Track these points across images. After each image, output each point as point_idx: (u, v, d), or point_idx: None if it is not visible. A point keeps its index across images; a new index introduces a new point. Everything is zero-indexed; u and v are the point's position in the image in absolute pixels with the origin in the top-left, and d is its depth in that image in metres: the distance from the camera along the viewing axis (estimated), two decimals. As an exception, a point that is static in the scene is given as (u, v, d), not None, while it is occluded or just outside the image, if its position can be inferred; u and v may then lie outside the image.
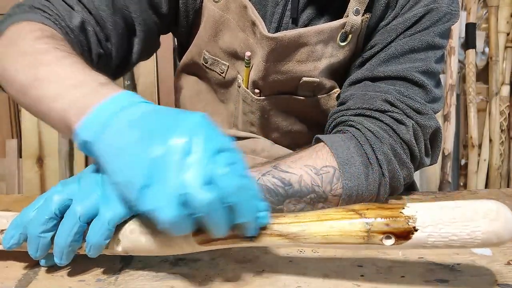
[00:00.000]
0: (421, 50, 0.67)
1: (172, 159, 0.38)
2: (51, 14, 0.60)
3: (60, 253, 0.43)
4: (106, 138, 0.41)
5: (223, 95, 0.80)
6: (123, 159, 0.40)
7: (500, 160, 1.76)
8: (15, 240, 0.44)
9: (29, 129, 1.62)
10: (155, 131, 0.40)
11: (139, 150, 0.39)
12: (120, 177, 0.40)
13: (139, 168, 0.38)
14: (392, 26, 0.68)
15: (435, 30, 0.66)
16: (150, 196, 0.38)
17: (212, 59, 0.76)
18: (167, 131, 0.39)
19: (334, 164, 0.57)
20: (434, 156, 0.68)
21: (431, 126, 0.64)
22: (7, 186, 1.67)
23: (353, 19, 0.66)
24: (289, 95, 0.74)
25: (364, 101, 0.64)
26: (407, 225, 0.39)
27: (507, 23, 1.73)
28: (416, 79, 0.65)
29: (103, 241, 0.42)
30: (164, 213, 0.37)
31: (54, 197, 0.43)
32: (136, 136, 0.40)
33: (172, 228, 0.38)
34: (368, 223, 0.40)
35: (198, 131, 0.39)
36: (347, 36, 0.68)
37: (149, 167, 0.38)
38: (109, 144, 0.41)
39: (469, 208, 0.39)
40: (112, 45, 0.67)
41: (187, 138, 0.38)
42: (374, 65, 0.68)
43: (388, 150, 0.60)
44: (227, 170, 0.38)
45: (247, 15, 0.68)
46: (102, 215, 0.42)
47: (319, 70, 0.70)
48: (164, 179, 0.38)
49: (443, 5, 0.66)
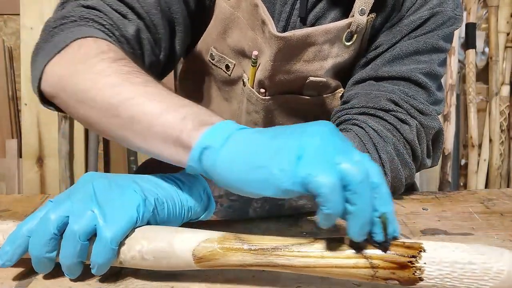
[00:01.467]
0: (425, 52, 0.67)
1: (325, 138, 0.39)
2: (104, 24, 0.58)
3: (69, 270, 0.43)
4: (232, 144, 0.41)
5: (227, 93, 0.80)
6: (265, 149, 0.40)
7: (500, 160, 1.76)
8: (8, 257, 0.42)
9: (29, 129, 1.62)
10: (285, 135, 0.41)
11: (280, 140, 0.40)
12: (266, 162, 0.39)
13: (291, 145, 0.39)
14: (397, 28, 0.68)
15: (439, 33, 0.67)
16: (308, 163, 0.37)
17: (219, 56, 0.76)
18: (299, 134, 0.40)
19: None
20: (435, 157, 0.68)
21: (434, 127, 0.64)
22: (7, 186, 1.67)
23: (359, 18, 0.66)
24: (295, 95, 0.74)
25: (368, 100, 0.64)
26: (413, 275, 0.39)
27: (507, 23, 1.72)
28: (420, 80, 0.65)
29: (108, 261, 0.42)
30: (324, 174, 0.36)
31: (51, 216, 0.42)
32: (269, 135, 0.41)
33: (330, 196, 0.36)
34: (374, 270, 0.39)
35: (333, 128, 0.42)
36: (352, 36, 0.68)
37: (299, 146, 0.38)
38: (236, 150, 0.41)
39: (481, 267, 0.38)
40: (162, 49, 0.66)
41: (323, 135, 0.40)
42: (378, 65, 0.68)
43: (391, 150, 0.60)
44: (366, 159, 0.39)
45: (257, 14, 0.68)
46: (104, 236, 0.41)
47: (325, 70, 0.70)
48: (319, 152, 0.38)
49: (448, 9, 0.67)
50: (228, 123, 0.43)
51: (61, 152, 1.61)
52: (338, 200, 0.37)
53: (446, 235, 0.55)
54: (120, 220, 0.42)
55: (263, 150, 0.40)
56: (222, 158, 0.41)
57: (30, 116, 1.61)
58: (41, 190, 1.62)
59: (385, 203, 0.38)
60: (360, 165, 0.37)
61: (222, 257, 0.41)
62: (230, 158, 0.40)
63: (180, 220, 0.47)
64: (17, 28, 1.63)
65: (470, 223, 0.58)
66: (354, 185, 0.37)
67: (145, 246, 0.42)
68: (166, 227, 0.44)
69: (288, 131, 0.41)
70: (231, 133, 0.42)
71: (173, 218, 0.46)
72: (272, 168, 0.38)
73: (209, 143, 0.41)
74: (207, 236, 0.43)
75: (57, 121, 1.60)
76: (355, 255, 0.40)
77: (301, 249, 0.41)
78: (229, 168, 0.40)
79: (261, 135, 0.41)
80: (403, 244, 0.40)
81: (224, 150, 0.41)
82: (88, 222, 0.41)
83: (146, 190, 0.45)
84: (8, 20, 1.67)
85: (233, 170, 0.40)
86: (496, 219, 0.59)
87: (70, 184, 1.60)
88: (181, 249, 0.42)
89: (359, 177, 0.37)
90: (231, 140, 0.41)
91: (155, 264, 0.43)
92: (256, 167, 0.39)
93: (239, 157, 0.40)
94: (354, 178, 0.37)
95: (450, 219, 0.59)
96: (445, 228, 0.57)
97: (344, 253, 0.40)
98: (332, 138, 0.40)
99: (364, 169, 0.37)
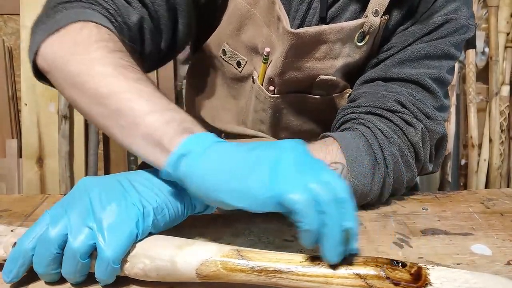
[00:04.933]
0: (436, 57, 0.67)
1: (298, 153, 0.40)
2: (108, 9, 0.58)
3: (73, 281, 0.44)
4: (211, 154, 0.42)
5: (236, 90, 0.80)
6: (241, 160, 0.41)
7: (500, 160, 1.76)
8: (14, 275, 0.43)
9: (29, 129, 1.61)
10: (262, 149, 0.42)
11: (257, 153, 0.41)
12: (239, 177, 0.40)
13: (266, 158, 0.40)
14: (410, 31, 0.68)
15: (451, 40, 0.67)
16: (283, 178, 0.38)
17: (231, 52, 0.75)
18: (274, 149, 0.41)
19: (343, 161, 0.57)
20: (437, 163, 0.69)
21: (439, 132, 0.64)
22: (7, 186, 1.67)
23: (372, 19, 0.66)
24: (304, 94, 0.74)
25: (376, 99, 0.64)
26: None
27: (507, 23, 1.72)
28: (428, 85, 0.66)
29: (112, 277, 0.43)
30: (295, 192, 0.37)
31: (50, 234, 0.41)
32: (247, 148, 0.42)
33: (305, 208, 0.37)
34: None
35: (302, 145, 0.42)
36: (365, 37, 0.68)
37: (276, 160, 0.39)
38: (214, 159, 0.41)
39: None
40: (162, 39, 0.66)
41: (297, 152, 0.41)
42: (388, 65, 0.68)
43: (396, 151, 0.60)
44: (333, 182, 0.38)
45: (274, 10, 0.68)
46: (105, 256, 0.41)
47: (335, 69, 0.70)
48: (293, 168, 0.39)
49: (462, 17, 0.67)
50: (209, 135, 0.44)
51: (61, 152, 1.61)
52: (314, 215, 0.37)
53: (446, 235, 0.55)
54: (120, 238, 0.41)
55: (241, 162, 0.40)
56: (199, 166, 0.41)
57: (30, 116, 1.61)
58: (41, 190, 1.62)
59: (350, 219, 0.38)
60: (329, 185, 0.38)
61: (226, 276, 0.41)
62: (207, 167, 0.41)
63: (182, 218, 0.47)
64: (17, 28, 1.63)
65: (470, 223, 0.58)
66: (324, 205, 0.37)
67: (148, 264, 0.42)
68: (167, 241, 0.44)
69: (264, 146, 0.42)
70: (211, 143, 0.42)
71: (174, 219, 0.46)
72: (250, 180, 0.39)
73: (188, 151, 0.42)
74: (209, 254, 0.42)
75: (57, 121, 1.60)
76: (355, 282, 0.39)
77: (306, 271, 0.40)
78: (205, 176, 0.41)
79: (239, 147, 0.42)
80: (408, 277, 0.38)
81: (202, 159, 0.41)
82: (87, 240, 0.41)
83: (144, 197, 0.44)
84: (8, 20, 1.67)
85: (209, 179, 0.40)
86: (496, 219, 0.59)
87: (70, 184, 1.60)
88: (184, 268, 0.42)
89: (327, 197, 0.37)
90: (210, 150, 0.42)
91: (159, 279, 0.43)
92: (234, 178, 0.39)
93: (216, 167, 0.41)
94: (323, 198, 0.37)
95: (450, 219, 0.59)
96: (445, 228, 0.57)
97: (349, 281, 0.39)
98: (305, 155, 0.41)
99: (332, 188, 0.38)
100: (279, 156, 0.40)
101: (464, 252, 0.50)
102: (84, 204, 0.43)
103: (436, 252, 0.50)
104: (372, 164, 0.58)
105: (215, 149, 0.42)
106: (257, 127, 0.79)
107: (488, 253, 0.50)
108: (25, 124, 1.61)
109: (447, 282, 0.38)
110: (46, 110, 1.61)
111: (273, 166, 0.39)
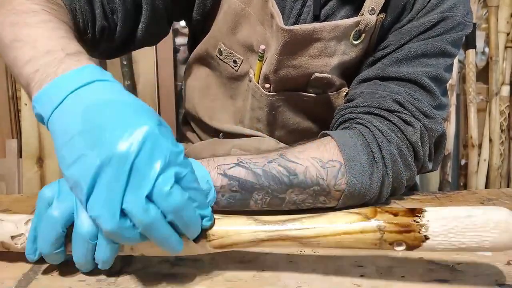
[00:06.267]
0: (433, 55, 0.67)
1: (118, 168, 0.37)
2: None
3: (84, 267, 0.44)
4: (56, 119, 0.41)
5: (233, 90, 0.80)
6: (70, 153, 0.39)
7: (500, 160, 1.76)
8: (36, 256, 0.44)
9: (29, 129, 1.61)
10: (106, 130, 0.39)
11: (87, 149, 0.39)
12: (67, 173, 0.40)
13: (85, 170, 0.38)
14: (406, 29, 0.68)
15: (448, 38, 0.67)
16: (94, 203, 0.38)
17: (227, 52, 0.76)
18: (117, 133, 0.38)
19: (340, 159, 0.57)
20: (437, 161, 0.69)
21: (438, 130, 0.64)
22: (7, 186, 1.67)
23: (368, 17, 0.66)
24: (299, 92, 0.74)
25: (373, 99, 0.65)
26: (419, 234, 0.40)
27: (507, 23, 1.72)
28: (426, 83, 0.65)
29: (113, 257, 0.43)
30: (106, 222, 0.38)
31: (53, 213, 0.42)
32: (86, 130, 0.39)
33: (115, 237, 0.39)
34: (381, 232, 0.41)
35: (148, 139, 0.38)
36: (361, 35, 0.68)
37: (95, 172, 0.38)
38: (59, 129, 0.41)
39: (481, 218, 0.40)
40: (118, 19, 0.67)
41: (135, 147, 0.38)
42: (385, 64, 0.68)
43: (395, 150, 0.60)
44: (170, 188, 0.38)
45: (267, 8, 0.68)
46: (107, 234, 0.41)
47: (331, 67, 0.70)
48: (108, 188, 0.38)
49: (458, 14, 0.67)
50: (67, 79, 0.43)
51: (61, 152, 1.61)
52: (129, 238, 0.39)
53: (446, 235, 0.55)
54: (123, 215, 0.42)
55: (71, 150, 0.40)
56: (50, 129, 0.42)
57: (30, 116, 1.60)
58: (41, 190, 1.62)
59: (186, 228, 0.41)
60: (151, 207, 0.38)
61: (235, 234, 0.43)
62: (54, 133, 0.41)
63: None
64: (17, 28, 1.63)
65: (470, 223, 0.58)
66: (142, 227, 0.39)
67: None
68: None
69: (104, 134, 0.39)
70: (61, 99, 0.41)
71: None
72: (73, 186, 0.40)
73: (39, 111, 0.42)
74: (219, 215, 0.44)
75: (57, 121, 1.60)
76: (362, 219, 0.42)
77: (311, 220, 0.43)
78: (55, 143, 0.41)
79: (80, 124, 0.40)
80: (404, 208, 0.42)
81: (49, 122, 0.42)
82: (92, 222, 0.41)
83: None
84: (8, 20, 1.67)
85: (57, 149, 0.41)
86: (496, 219, 0.59)
87: (70, 184, 1.59)
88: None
89: (145, 222, 0.38)
90: (57, 114, 0.41)
91: (166, 252, 0.43)
92: (66, 165, 0.40)
93: (58, 140, 0.41)
94: (139, 222, 0.38)
95: (450, 219, 0.59)
96: (445, 228, 0.57)
97: (351, 218, 0.42)
98: (126, 167, 0.38)
99: (153, 209, 0.38)
100: (98, 173, 0.38)
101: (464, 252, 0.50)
102: None
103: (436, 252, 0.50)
104: (370, 162, 0.58)
105: (62, 110, 0.41)
106: (254, 126, 0.79)
107: (488, 253, 0.50)
108: (25, 124, 1.61)
109: (440, 208, 0.41)
110: (46, 110, 1.61)
111: (88, 188, 0.38)
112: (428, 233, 0.40)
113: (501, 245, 0.40)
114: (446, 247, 0.40)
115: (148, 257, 0.48)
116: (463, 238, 0.40)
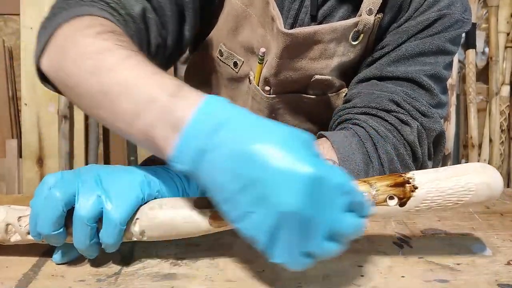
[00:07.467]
0: (431, 54, 0.67)
1: (290, 226, 0.36)
2: (109, 3, 0.56)
3: (86, 253, 0.45)
4: (206, 174, 0.38)
5: (233, 91, 0.80)
6: (235, 210, 0.38)
7: (500, 160, 1.76)
8: (39, 238, 0.44)
9: (29, 129, 1.62)
10: (266, 186, 0.36)
11: (252, 207, 0.37)
12: (237, 225, 0.39)
13: (257, 229, 0.37)
14: (404, 28, 0.68)
15: (446, 36, 0.67)
16: (276, 256, 0.39)
17: (228, 53, 0.76)
18: (278, 190, 0.36)
19: (335, 158, 0.57)
20: (436, 160, 0.69)
21: (436, 129, 0.64)
22: (7, 186, 1.67)
23: (366, 18, 0.66)
24: (299, 94, 0.74)
25: (370, 100, 0.65)
26: (408, 184, 0.44)
27: (507, 23, 1.73)
28: (424, 82, 0.65)
29: (119, 241, 0.43)
30: (292, 266, 0.39)
31: (56, 193, 0.42)
32: (243, 187, 0.37)
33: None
34: (373, 188, 0.44)
35: (310, 187, 0.36)
36: (359, 36, 0.68)
37: (269, 232, 0.37)
38: (212, 187, 0.39)
39: (460, 167, 0.45)
40: (168, 33, 0.65)
41: (299, 201, 0.36)
42: (383, 64, 0.68)
43: (391, 150, 0.60)
44: (352, 225, 0.38)
45: (268, 10, 0.68)
46: (112, 217, 0.42)
47: (331, 68, 0.70)
48: (287, 242, 0.38)
49: (456, 12, 0.67)
50: (198, 122, 0.38)
51: (61, 152, 1.61)
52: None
53: (446, 235, 0.55)
54: (126, 200, 0.43)
55: (231, 200, 0.38)
56: (200, 181, 0.40)
57: (30, 116, 1.61)
58: (41, 190, 1.63)
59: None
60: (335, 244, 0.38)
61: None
62: (206, 184, 0.39)
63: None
64: (17, 28, 1.63)
65: (470, 223, 0.58)
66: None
67: (163, 206, 0.45)
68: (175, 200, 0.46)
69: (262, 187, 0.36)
70: (203, 147, 0.38)
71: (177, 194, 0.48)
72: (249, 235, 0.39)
73: (182, 168, 0.39)
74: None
75: (57, 121, 1.60)
76: (358, 183, 0.44)
77: None
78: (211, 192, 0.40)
79: (232, 175, 0.37)
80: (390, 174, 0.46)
81: (198, 175, 0.39)
82: (94, 206, 0.42)
83: (148, 173, 0.46)
84: (8, 20, 1.67)
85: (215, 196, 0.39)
86: (496, 219, 0.59)
87: (70, 184, 1.60)
88: (198, 215, 0.44)
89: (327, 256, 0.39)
90: (205, 165, 0.38)
91: (168, 235, 0.45)
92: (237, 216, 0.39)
93: (214, 190, 0.39)
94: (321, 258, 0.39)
95: (450, 219, 0.59)
96: (445, 228, 0.57)
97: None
98: (296, 223, 0.37)
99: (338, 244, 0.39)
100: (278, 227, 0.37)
101: (464, 252, 0.50)
102: (93, 175, 0.44)
103: (436, 252, 0.50)
104: (365, 162, 0.58)
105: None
106: None
107: (488, 253, 0.50)
108: (25, 124, 1.62)
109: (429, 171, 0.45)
110: (46, 110, 1.61)
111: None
112: (416, 183, 0.44)
113: (485, 185, 0.44)
114: (436, 196, 0.43)
115: (148, 257, 0.48)
116: (449, 183, 0.44)
